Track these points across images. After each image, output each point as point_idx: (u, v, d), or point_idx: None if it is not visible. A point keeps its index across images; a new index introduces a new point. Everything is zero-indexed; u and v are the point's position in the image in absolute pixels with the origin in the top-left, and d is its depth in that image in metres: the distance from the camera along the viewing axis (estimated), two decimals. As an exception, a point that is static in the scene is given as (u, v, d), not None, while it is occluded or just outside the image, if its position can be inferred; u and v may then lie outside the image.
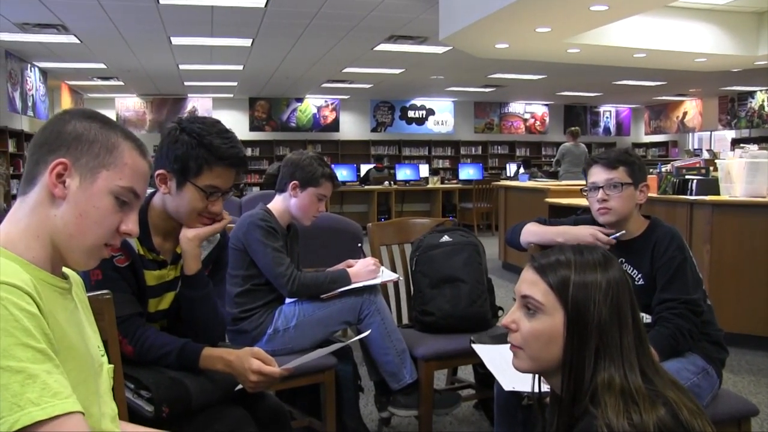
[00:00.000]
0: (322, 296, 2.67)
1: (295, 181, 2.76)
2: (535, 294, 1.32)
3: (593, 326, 1.27)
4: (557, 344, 1.30)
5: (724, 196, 4.78)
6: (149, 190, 2.03)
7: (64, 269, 1.30)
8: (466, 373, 3.69)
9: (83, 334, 1.26)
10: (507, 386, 1.96)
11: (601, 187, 2.36)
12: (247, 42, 9.85)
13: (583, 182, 2.49)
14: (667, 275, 2.28)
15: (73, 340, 1.19)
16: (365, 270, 2.78)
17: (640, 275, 2.37)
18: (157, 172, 1.92)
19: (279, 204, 2.81)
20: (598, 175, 2.38)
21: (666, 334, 2.19)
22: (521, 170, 12.31)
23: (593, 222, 2.49)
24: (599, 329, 1.27)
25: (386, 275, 2.83)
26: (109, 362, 1.42)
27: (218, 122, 1.99)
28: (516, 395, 2.17)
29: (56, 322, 1.14)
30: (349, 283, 2.72)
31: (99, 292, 1.60)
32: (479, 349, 2.27)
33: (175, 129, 1.94)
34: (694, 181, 4.91)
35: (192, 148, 1.89)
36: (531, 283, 1.34)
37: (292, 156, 2.85)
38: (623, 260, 2.40)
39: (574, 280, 1.30)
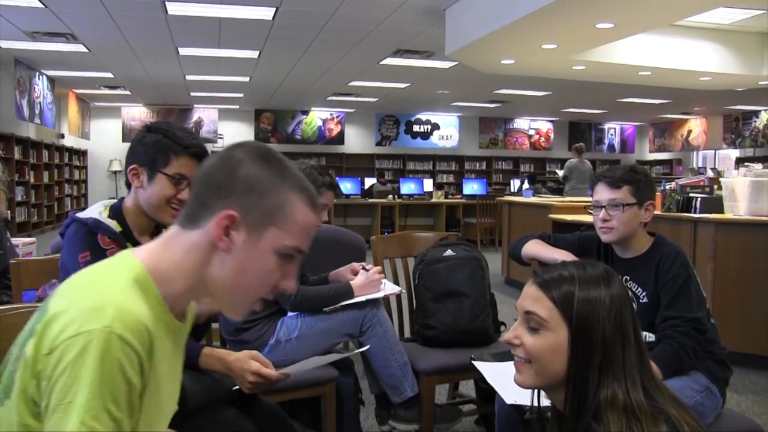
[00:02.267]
0: (324, 308, 2.67)
1: None
2: (539, 310, 1.32)
3: (597, 342, 1.27)
4: (561, 360, 1.30)
5: (728, 215, 4.77)
6: (116, 198, 2.16)
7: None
8: (467, 388, 3.68)
9: (174, 384, 1.22)
10: (509, 399, 1.96)
11: (604, 206, 2.35)
12: (254, 54, 9.90)
13: (589, 199, 2.50)
14: (672, 293, 2.26)
15: (162, 398, 1.15)
16: (368, 282, 2.78)
17: (644, 293, 2.36)
18: (129, 168, 2.05)
19: None
20: (602, 193, 2.37)
21: (670, 352, 2.18)
22: (526, 185, 12.30)
23: (598, 239, 2.49)
24: (603, 345, 1.27)
25: (389, 288, 2.83)
26: None
27: (181, 124, 2.19)
28: (518, 410, 2.16)
29: (156, 378, 1.10)
30: (352, 297, 2.72)
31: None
32: (480, 365, 2.27)
33: (142, 130, 2.10)
34: (698, 199, 4.91)
35: (159, 140, 2.03)
36: (534, 299, 1.34)
37: (295, 166, 2.86)
38: (627, 278, 2.39)
39: (579, 296, 1.29)
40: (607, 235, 2.37)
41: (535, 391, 1.44)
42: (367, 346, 2.64)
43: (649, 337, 2.32)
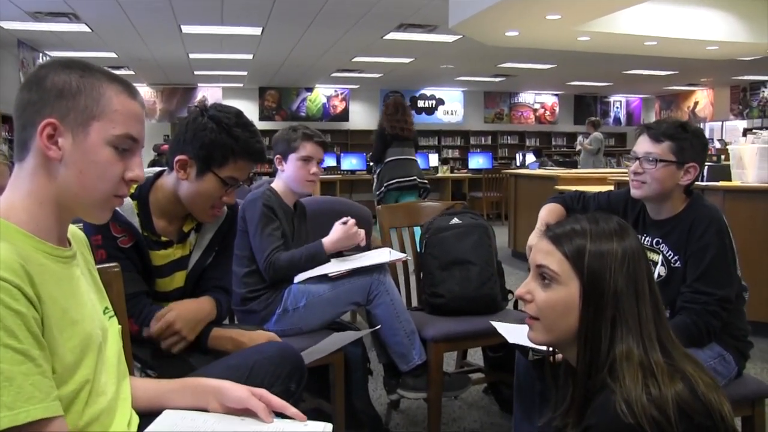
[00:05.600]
0: (330, 275, 2.67)
1: (277, 155, 2.81)
2: (551, 263, 1.31)
3: (609, 295, 1.26)
4: (573, 314, 1.29)
5: (735, 182, 4.75)
6: (155, 169, 2.04)
7: (68, 229, 1.29)
8: (476, 358, 3.69)
9: (85, 305, 1.25)
10: (511, 339, 2.04)
11: (639, 158, 2.20)
12: (257, 30, 9.83)
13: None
14: (703, 264, 2.11)
15: (74, 316, 1.18)
16: (345, 235, 2.71)
17: (677, 257, 2.21)
18: (178, 157, 1.91)
19: (279, 182, 2.83)
20: (641, 145, 2.21)
21: (694, 331, 2.08)
22: (531, 159, 12.27)
23: (627, 198, 2.38)
24: (615, 298, 1.26)
25: (394, 254, 2.81)
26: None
27: (241, 113, 2.01)
28: (536, 369, 2.18)
29: (55, 302, 1.13)
30: (325, 255, 2.69)
31: (107, 265, 1.59)
32: (497, 324, 2.30)
33: (201, 115, 1.93)
34: (705, 167, 4.88)
35: (220, 138, 1.90)
36: (546, 252, 1.33)
37: (276, 133, 2.89)
38: (659, 240, 2.26)
39: (590, 249, 1.29)
40: (637, 190, 2.23)
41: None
42: (378, 327, 2.64)
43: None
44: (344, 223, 2.74)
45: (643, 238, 2.30)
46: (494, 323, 2.31)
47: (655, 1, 7.43)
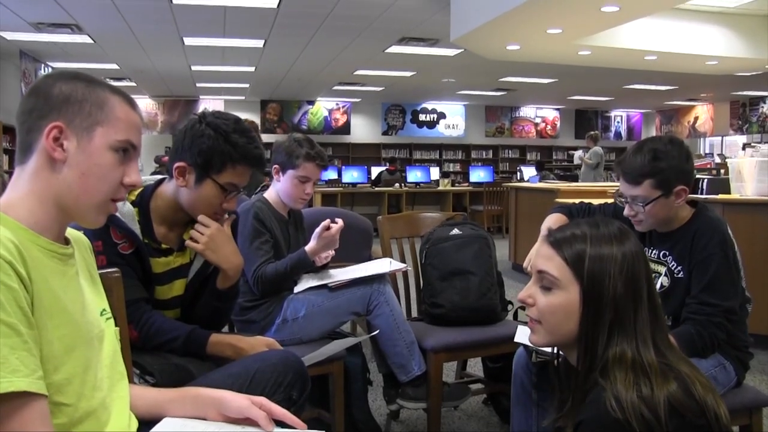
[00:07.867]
0: (330, 285, 2.67)
1: (276, 165, 2.77)
2: (551, 269, 1.32)
3: (608, 300, 1.27)
4: (573, 318, 1.30)
5: (734, 195, 4.76)
6: (156, 177, 2.05)
7: (70, 232, 1.32)
8: (476, 369, 3.68)
9: (81, 302, 1.28)
10: (518, 338, 2.10)
11: (628, 202, 2.20)
12: (259, 43, 9.88)
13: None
14: (707, 275, 2.11)
15: (67, 306, 1.21)
16: (323, 243, 2.66)
17: (680, 268, 2.21)
18: (177, 164, 1.92)
19: (272, 192, 2.82)
20: (623, 187, 2.19)
21: (698, 342, 2.07)
22: (533, 173, 12.30)
23: None
24: (614, 303, 1.27)
25: (395, 264, 2.81)
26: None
27: (240, 119, 2.01)
28: (534, 376, 2.21)
29: (48, 288, 1.15)
30: (310, 263, 2.68)
31: (108, 270, 1.60)
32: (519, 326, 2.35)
33: (199, 122, 1.94)
34: (705, 180, 4.90)
35: (217, 144, 1.90)
36: (546, 257, 1.34)
37: (279, 139, 2.87)
38: (666, 252, 2.26)
39: (590, 254, 1.29)
40: (639, 227, 2.23)
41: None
42: (377, 331, 2.64)
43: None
44: (328, 228, 2.68)
45: (650, 251, 2.31)
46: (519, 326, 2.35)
47: (655, 16, 7.48)
